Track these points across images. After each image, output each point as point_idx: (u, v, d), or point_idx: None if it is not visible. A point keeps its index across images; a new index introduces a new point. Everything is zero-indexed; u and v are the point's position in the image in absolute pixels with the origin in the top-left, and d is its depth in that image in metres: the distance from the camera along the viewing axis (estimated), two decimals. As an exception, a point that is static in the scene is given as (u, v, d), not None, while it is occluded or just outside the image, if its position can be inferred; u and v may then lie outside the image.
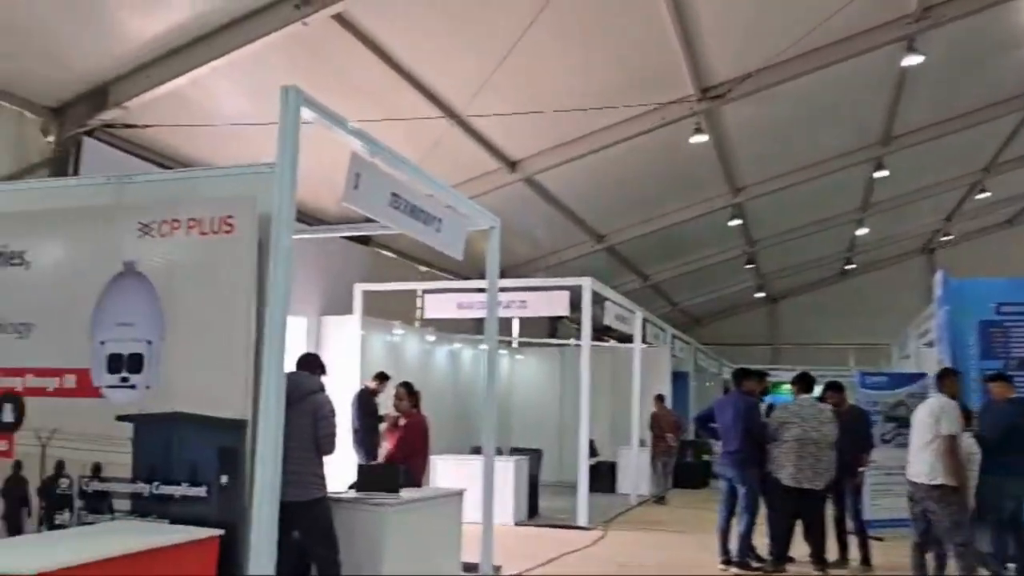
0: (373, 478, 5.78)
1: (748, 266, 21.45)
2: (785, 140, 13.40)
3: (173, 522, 3.98)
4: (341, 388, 10.12)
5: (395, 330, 11.51)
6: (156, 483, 4.06)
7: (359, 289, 10.79)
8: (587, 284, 9.92)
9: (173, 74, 7.28)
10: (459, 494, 6.29)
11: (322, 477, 5.14)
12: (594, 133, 10.89)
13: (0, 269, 4.55)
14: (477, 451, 11.96)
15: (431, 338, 12.48)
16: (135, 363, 4.16)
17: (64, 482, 4.24)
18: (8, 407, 4.41)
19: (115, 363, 4.21)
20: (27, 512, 4.31)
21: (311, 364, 5.41)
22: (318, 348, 10.99)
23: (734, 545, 7.55)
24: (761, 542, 7.68)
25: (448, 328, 13.48)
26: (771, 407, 8.08)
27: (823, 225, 18.74)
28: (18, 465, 4.36)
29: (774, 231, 18.78)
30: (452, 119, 9.47)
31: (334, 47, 7.92)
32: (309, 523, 5.08)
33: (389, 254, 12.96)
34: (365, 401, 9.17)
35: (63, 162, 7.34)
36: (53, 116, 7.40)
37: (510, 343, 17.26)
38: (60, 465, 4.27)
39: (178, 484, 4.02)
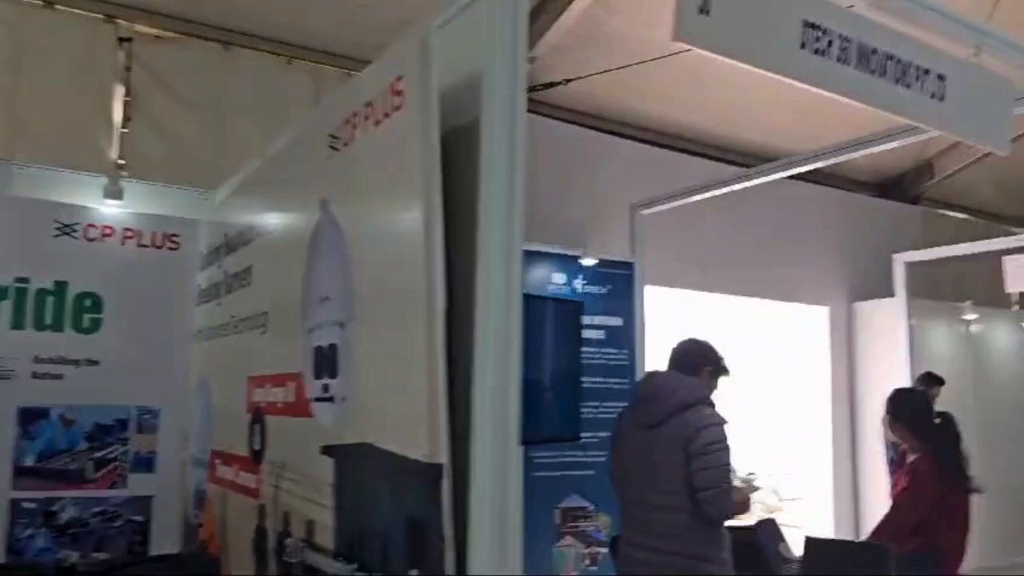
0: (840, 556, 3.19)
1: None
2: None
3: (367, 641, 2.23)
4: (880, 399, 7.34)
5: (966, 315, 8.08)
6: (354, 567, 2.36)
7: (901, 260, 7.76)
8: None
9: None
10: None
11: (713, 558, 2.85)
12: None
13: (215, 266, 3.46)
14: None
15: (1028, 324, 8.58)
16: (331, 360, 2.55)
17: (290, 544, 2.84)
18: (257, 427, 3.23)
19: (319, 361, 2.66)
20: (266, 580, 3.03)
21: (689, 358, 3.18)
22: (851, 346, 8.27)
23: None
24: None
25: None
26: None
27: None
28: (262, 511, 3.11)
29: None
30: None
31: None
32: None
33: (956, 214, 9.41)
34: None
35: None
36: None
37: None
38: (286, 519, 2.88)
39: (369, 573, 2.25)
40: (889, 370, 7.66)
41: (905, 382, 7.42)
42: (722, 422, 2.88)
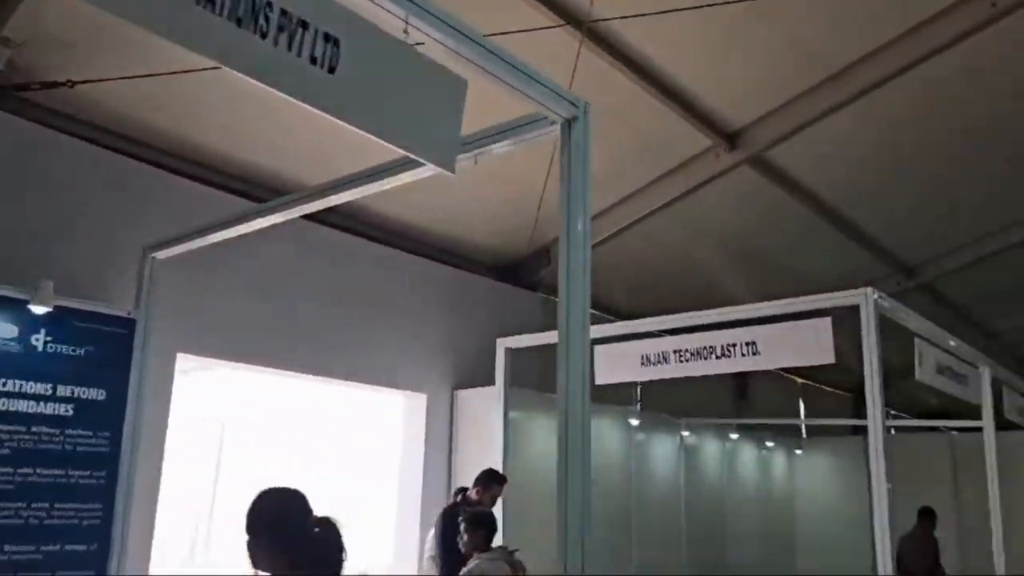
0: None
1: None
2: None
3: None
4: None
5: (566, 408, 7.58)
6: None
7: (503, 346, 7.12)
8: (866, 299, 5.31)
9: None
10: None
11: None
12: (874, 57, 6.42)
13: None
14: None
15: (635, 421, 8.32)
16: None
17: None
18: None
19: None
20: None
21: None
22: (453, 436, 7.46)
23: None
24: None
25: (687, 403, 9.33)
26: None
27: None
28: None
29: None
30: (594, 44, 5.67)
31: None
32: None
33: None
34: (457, 518, 5.34)
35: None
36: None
37: (797, 430, 12.47)
38: None
39: None
40: (486, 461, 6.87)
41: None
42: None
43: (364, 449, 8.00)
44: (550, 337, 7.08)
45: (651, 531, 8.41)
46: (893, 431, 13.24)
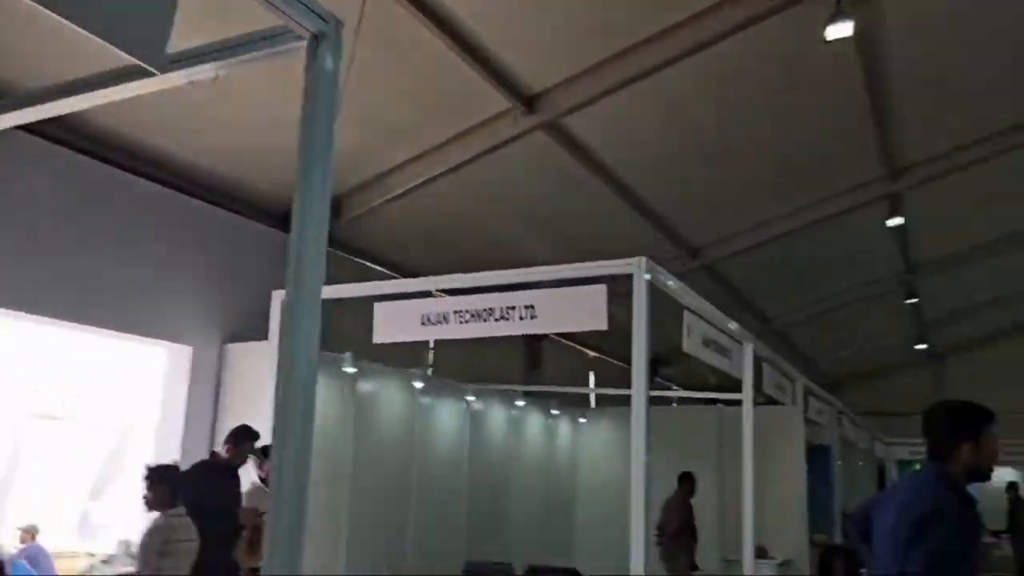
0: None
1: (909, 302, 16.01)
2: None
3: None
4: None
5: (346, 366, 7.25)
6: None
7: (278, 299, 6.71)
8: (639, 268, 5.41)
9: None
10: None
11: None
12: (668, 34, 6.56)
13: None
14: (475, 572, 7.59)
15: (419, 384, 8.16)
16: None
17: None
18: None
19: None
20: None
21: None
22: (219, 392, 6.98)
23: None
24: None
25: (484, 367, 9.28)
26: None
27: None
28: None
29: (950, 247, 13.51)
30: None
31: None
32: None
33: (363, 261, 8.80)
34: (207, 483, 4.95)
35: None
36: None
37: (584, 400, 12.88)
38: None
39: None
40: (257, 421, 6.46)
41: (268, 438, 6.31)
42: None
43: (124, 405, 7.33)
44: (332, 292, 6.76)
45: (432, 499, 8.30)
46: (675, 403, 14.02)
